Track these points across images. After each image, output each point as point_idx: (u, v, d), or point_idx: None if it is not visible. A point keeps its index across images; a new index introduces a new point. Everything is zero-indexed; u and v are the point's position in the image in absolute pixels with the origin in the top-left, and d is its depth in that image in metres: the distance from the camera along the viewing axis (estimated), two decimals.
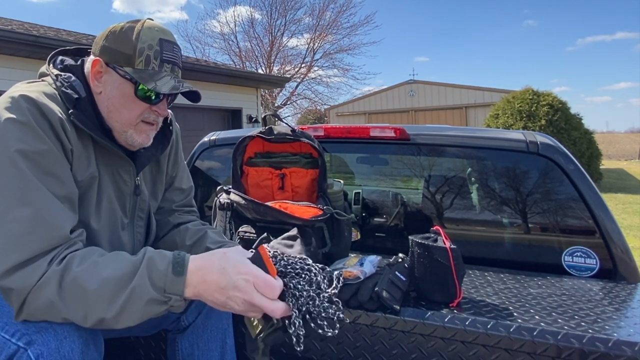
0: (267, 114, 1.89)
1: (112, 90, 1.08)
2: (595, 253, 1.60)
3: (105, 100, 1.09)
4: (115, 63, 1.08)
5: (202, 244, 1.28)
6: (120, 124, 1.10)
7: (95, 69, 1.09)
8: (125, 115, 1.09)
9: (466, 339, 1.16)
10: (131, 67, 1.07)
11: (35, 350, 0.87)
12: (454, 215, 1.91)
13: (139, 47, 1.06)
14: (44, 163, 0.95)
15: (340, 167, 2.33)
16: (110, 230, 1.15)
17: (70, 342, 0.90)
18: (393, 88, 22.23)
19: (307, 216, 1.49)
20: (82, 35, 9.19)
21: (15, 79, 5.76)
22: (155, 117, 1.14)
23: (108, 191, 1.14)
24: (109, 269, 0.89)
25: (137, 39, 1.07)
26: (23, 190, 0.91)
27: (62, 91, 1.05)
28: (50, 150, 0.96)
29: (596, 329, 1.10)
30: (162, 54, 1.09)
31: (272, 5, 22.33)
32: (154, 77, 1.07)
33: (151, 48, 1.07)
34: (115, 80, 1.08)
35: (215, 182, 2.22)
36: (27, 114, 0.95)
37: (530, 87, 11.56)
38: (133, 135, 1.12)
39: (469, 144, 1.87)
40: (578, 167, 1.68)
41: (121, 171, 1.17)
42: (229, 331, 1.35)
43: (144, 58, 1.07)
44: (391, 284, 1.26)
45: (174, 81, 1.08)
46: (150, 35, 1.08)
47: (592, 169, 10.46)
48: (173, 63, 1.11)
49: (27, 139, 0.93)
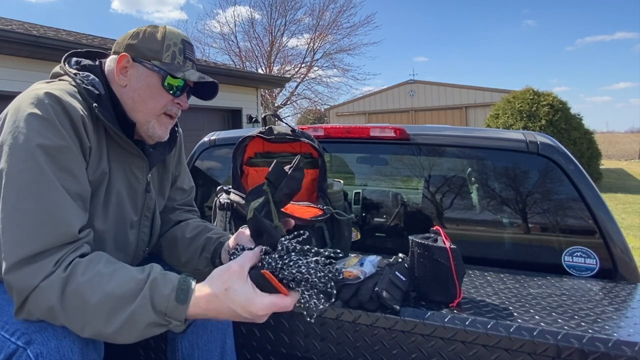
0: (267, 114, 1.89)
1: (139, 82, 1.14)
2: (595, 253, 1.60)
3: (130, 92, 1.14)
4: (142, 58, 1.14)
5: (201, 236, 1.29)
6: (144, 114, 1.15)
7: (121, 64, 1.14)
8: (150, 105, 1.15)
9: (466, 339, 1.16)
10: (159, 61, 1.14)
11: (35, 350, 0.87)
12: (454, 215, 1.91)
13: (165, 44, 1.15)
14: (61, 159, 0.96)
15: (340, 167, 2.33)
16: (116, 229, 1.16)
17: (70, 342, 0.90)
18: (393, 88, 22.23)
19: (307, 216, 1.49)
20: (82, 35, 9.19)
21: (15, 79, 5.79)
22: (177, 109, 1.20)
23: (118, 188, 1.15)
24: (112, 284, 0.89)
25: (164, 37, 1.16)
26: (37, 184, 0.92)
27: (84, 88, 1.09)
28: (69, 147, 0.98)
29: (596, 329, 1.10)
30: (185, 52, 1.18)
31: (272, 5, 22.33)
32: (181, 68, 1.15)
33: (176, 45, 1.16)
34: (142, 73, 1.14)
35: (215, 182, 2.22)
36: (50, 110, 0.97)
37: (531, 87, 11.57)
38: (155, 127, 1.17)
39: (469, 144, 1.87)
40: (578, 167, 1.68)
41: (134, 168, 1.20)
42: (229, 331, 1.35)
43: (170, 53, 1.15)
44: (391, 284, 1.26)
45: (199, 73, 1.17)
46: (174, 35, 1.18)
47: (592, 169, 10.46)
48: (192, 61, 1.20)
49: (48, 134, 0.95)
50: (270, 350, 1.39)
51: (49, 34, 7.24)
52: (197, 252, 1.27)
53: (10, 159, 0.93)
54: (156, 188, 1.33)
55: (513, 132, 1.86)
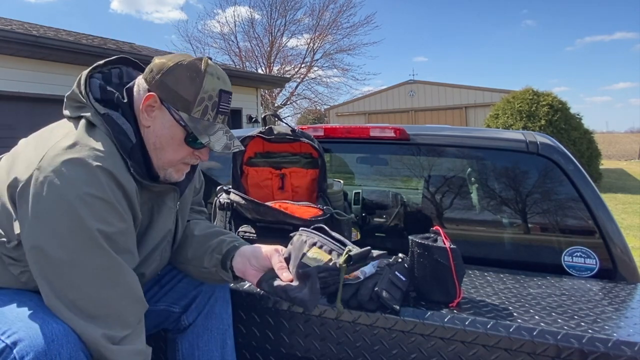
0: (267, 114, 1.89)
1: (162, 129, 1.07)
2: (595, 253, 1.60)
3: (152, 136, 1.08)
4: (170, 104, 1.05)
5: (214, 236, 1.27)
6: (162, 162, 1.10)
7: (148, 102, 1.06)
8: (170, 156, 1.09)
9: (466, 339, 1.16)
10: (187, 114, 1.05)
11: (21, 351, 0.86)
12: (453, 215, 1.91)
13: (199, 97, 1.05)
14: (123, 242, 0.98)
15: (340, 167, 2.33)
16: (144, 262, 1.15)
17: (58, 346, 0.89)
18: (393, 88, 22.23)
19: (307, 216, 1.49)
20: (82, 35, 9.19)
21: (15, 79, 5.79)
22: (196, 160, 1.14)
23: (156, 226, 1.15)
24: None
25: (200, 87, 1.05)
26: (111, 270, 0.95)
27: (117, 139, 1.02)
28: (128, 228, 0.99)
29: (596, 329, 1.10)
30: (220, 106, 1.08)
31: (272, 5, 22.33)
32: (208, 130, 1.07)
33: (211, 99, 1.06)
34: (168, 121, 1.07)
35: (215, 182, 2.22)
36: (108, 191, 0.94)
37: (531, 87, 11.57)
38: (172, 174, 1.13)
39: (468, 144, 1.87)
40: (578, 167, 1.68)
41: (167, 199, 1.18)
42: (229, 332, 1.35)
43: (202, 108, 1.06)
44: (391, 284, 1.26)
45: (226, 138, 1.08)
46: (212, 84, 1.07)
47: (592, 169, 10.46)
48: (225, 114, 1.12)
49: (109, 219, 0.94)
50: (270, 350, 1.39)
51: (49, 34, 7.24)
52: (207, 250, 1.25)
53: (76, 246, 0.92)
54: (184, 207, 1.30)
55: (513, 132, 1.86)
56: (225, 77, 1.12)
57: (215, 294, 1.32)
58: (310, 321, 1.32)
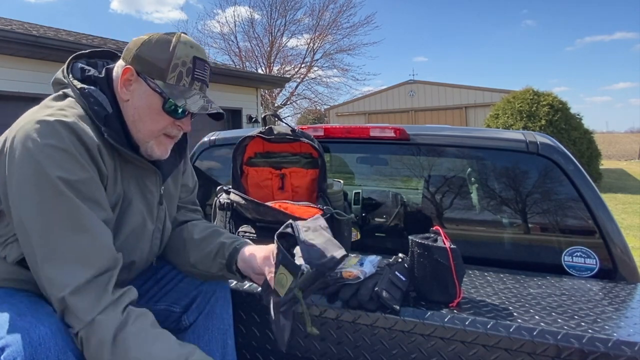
0: (267, 114, 1.90)
1: (140, 100, 1.09)
2: (595, 253, 1.60)
3: (131, 108, 1.10)
4: (146, 74, 1.08)
5: (213, 239, 1.28)
6: (142, 134, 1.11)
7: (126, 76, 1.09)
8: (149, 126, 1.10)
9: (466, 339, 1.16)
10: (162, 81, 1.08)
11: (8, 356, 0.86)
12: (454, 215, 1.91)
13: (173, 63, 1.07)
14: (86, 190, 0.97)
15: (340, 167, 2.33)
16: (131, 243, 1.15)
17: (45, 349, 0.89)
18: (393, 88, 22.23)
19: (307, 216, 1.49)
20: (82, 35, 9.19)
21: (15, 79, 5.78)
22: (178, 131, 1.15)
23: (134, 205, 1.14)
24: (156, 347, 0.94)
25: (173, 54, 1.08)
26: (76, 216, 0.94)
27: (91, 109, 1.05)
28: (91, 178, 0.99)
29: (596, 329, 1.10)
30: (195, 72, 1.10)
31: (272, 5, 22.33)
32: (185, 94, 1.08)
33: (184, 65, 1.08)
34: (144, 91, 1.09)
35: (215, 182, 2.22)
36: (67, 141, 0.96)
37: (531, 87, 11.57)
38: (153, 147, 1.13)
39: (468, 144, 1.87)
40: (578, 167, 1.68)
41: (147, 182, 1.18)
42: (230, 332, 1.35)
43: (177, 74, 1.08)
44: (391, 284, 1.26)
45: (202, 100, 1.10)
46: (185, 51, 1.09)
47: (592, 169, 10.46)
48: (203, 82, 1.12)
49: (69, 167, 0.95)
50: (270, 350, 1.39)
51: (49, 34, 7.24)
52: (209, 256, 1.25)
53: (38, 196, 0.93)
54: (172, 193, 1.31)
55: (513, 132, 1.86)
56: (200, 47, 1.14)
57: (216, 294, 1.32)
58: (310, 321, 1.32)
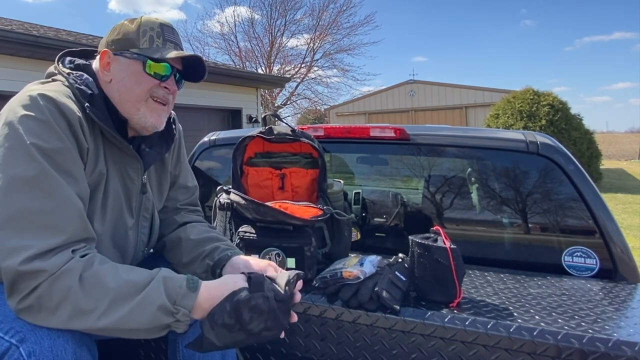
0: (267, 114, 1.89)
1: (122, 72, 1.13)
2: (595, 253, 1.60)
3: (115, 84, 1.13)
4: (120, 50, 1.13)
5: (209, 242, 1.28)
6: (131, 102, 1.13)
7: (104, 60, 1.14)
8: (136, 91, 1.13)
9: (466, 339, 1.16)
10: (136, 48, 1.13)
11: (28, 348, 0.87)
12: (454, 215, 1.91)
13: (141, 30, 1.14)
14: (60, 161, 0.96)
15: (340, 167, 2.33)
16: (114, 230, 1.16)
17: (63, 342, 0.90)
18: (393, 88, 22.23)
19: (307, 216, 1.49)
20: (82, 36, 9.19)
21: (15, 79, 5.78)
22: (165, 93, 1.17)
23: (115, 189, 1.15)
24: (129, 274, 0.95)
25: (139, 25, 1.15)
26: (44, 181, 0.93)
27: (77, 88, 1.09)
28: (67, 149, 0.98)
29: (596, 329, 1.10)
30: (164, 34, 1.16)
31: (272, 5, 22.32)
32: (160, 51, 1.13)
33: (153, 30, 1.15)
34: (124, 64, 1.13)
35: (215, 182, 2.22)
36: (46, 112, 0.97)
37: (531, 87, 11.57)
38: (145, 114, 1.15)
39: (469, 144, 1.87)
40: (578, 167, 1.68)
41: (129, 169, 1.19)
42: None
43: (148, 38, 1.14)
44: (391, 284, 1.26)
45: (177, 51, 1.15)
46: (150, 21, 1.16)
47: (592, 169, 10.45)
48: (175, 43, 1.17)
49: (45, 136, 0.95)
50: (270, 350, 1.39)
51: (49, 34, 7.25)
52: (200, 256, 1.25)
53: (10, 160, 0.92)
54: (155, 187, 1.32)
55: (513, 132, 1.86)
56: (164, 19, 1.20)
57: None
58: (311, 321, 1.32)
